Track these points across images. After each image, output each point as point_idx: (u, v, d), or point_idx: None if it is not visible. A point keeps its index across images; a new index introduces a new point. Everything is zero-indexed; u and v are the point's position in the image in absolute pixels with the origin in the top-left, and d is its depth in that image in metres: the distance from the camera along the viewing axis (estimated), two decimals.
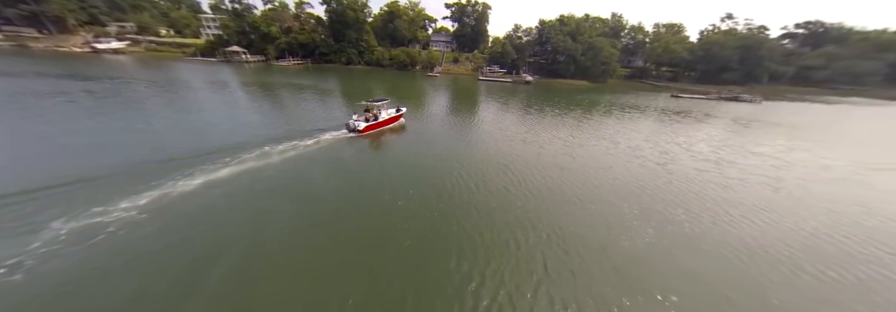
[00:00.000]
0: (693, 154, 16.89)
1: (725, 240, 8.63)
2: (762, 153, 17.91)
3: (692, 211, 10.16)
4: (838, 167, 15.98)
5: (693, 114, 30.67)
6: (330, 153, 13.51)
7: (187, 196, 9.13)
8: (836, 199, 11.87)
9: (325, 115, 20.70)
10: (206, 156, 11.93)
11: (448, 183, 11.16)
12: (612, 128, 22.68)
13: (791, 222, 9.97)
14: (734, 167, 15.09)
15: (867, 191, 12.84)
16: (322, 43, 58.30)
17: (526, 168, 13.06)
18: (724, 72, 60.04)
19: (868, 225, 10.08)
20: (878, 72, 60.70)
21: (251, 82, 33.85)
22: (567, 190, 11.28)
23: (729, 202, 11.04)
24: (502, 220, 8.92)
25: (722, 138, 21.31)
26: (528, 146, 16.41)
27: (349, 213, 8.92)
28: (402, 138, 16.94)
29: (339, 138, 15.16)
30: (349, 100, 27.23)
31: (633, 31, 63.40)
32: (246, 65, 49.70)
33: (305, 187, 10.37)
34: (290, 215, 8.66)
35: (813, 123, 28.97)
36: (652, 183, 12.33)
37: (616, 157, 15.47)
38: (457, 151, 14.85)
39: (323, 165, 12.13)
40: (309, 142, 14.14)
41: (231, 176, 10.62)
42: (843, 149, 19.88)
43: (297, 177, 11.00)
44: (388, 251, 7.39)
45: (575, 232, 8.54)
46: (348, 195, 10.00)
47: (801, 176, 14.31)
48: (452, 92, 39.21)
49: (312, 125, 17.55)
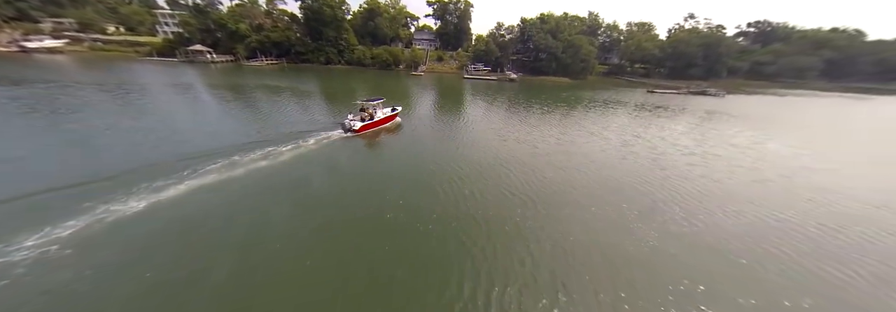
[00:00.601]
0: (680, 148, 17.30)
1: (727, 238, 8.34)
2: (739, 144, 18.73)
3: (694, 210, 9.89)
4: (806, 156, 16.93)
5: (671, 108, 32.01)
6: (325, 153, 13.05)
7: (123, 223, 7.33)
8: (818, 188, 12.29)
9: (307, 118, 18.89)
10: (153, 168, 10.15)
11: (445, 186, 10.59)
12: (600, 123, 23.00)
13: (789, 215, 9.95)
14: (720, 160, 15.44)
15: (838, 179, 13.46)
16: (298, 41, 54.65)
17: (522, 169, 12.55)
18: (690, 68, 64.10)
19: (855, 214, 10.32)
20: (815, 67, 67.86)
21: (220, 84, 30.55)
22: (566, 191, 10.75)
23: (725, 197, 11.02)
24: (502, 228, 8.24)
25: (702, 131, 22.20)
26: (523, 145, 15.98)
27: (344, 216, 8.39)
28: (398, 137, 16.49)
29: (334, 138, 14.71)
30: (332, 102, 25.56)
31: (608, 30, 65.83)
32: (212, 65, 45.19)
33: (301, 189, 9.80)
34: (283, 219, 8.08)
35: (774, 115, 31.08)
36: (648, 180, 12.08)
37: (610, 154, 15.36)
38: (452, 151, 14.38)
39: (318, 166, 11.61)
40: (287, 147, 13.04)
41: (203, 189, 9.15)
42: (806, 139, 21.40)
43: (292, 179, 10.40)
44: (386, 253, 6.92)
45: (580, 240, 7.93)
46: (343, 197, 9.46)
47: (779, 167, 14.86)
48: (440, 91, 38.00)
49: (298, 127, 16.30)
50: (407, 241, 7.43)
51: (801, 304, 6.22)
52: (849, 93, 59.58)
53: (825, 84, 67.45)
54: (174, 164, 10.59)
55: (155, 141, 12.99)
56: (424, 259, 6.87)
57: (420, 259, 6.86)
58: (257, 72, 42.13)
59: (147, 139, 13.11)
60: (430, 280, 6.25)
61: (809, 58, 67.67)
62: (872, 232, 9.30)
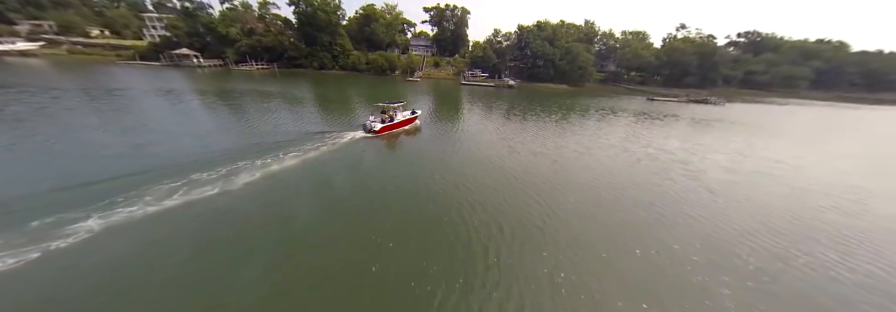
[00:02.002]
0: (712, 162, 15.38)
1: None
2: (773, 158, 16.83)
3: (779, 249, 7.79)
4: (851, 171, 15.14)
5: (682, 118, 30.17)
6: (348, 152, 13.36)
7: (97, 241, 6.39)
8: None
9: (296, 128, 16.74)
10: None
11: (461, 187, 10.30)
12: (614, 133, 21.13)
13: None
14: (761, 176, 13.59)
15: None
16: (291, 46, 52.59)
17: (544, 185, 11.15)
18: (686, 77, 63.79)
19: None
20: (806, 76, 68.34)
21: (207, 90, 28.03)
22: (596, 214, 9.24)
23: (793, 222, 9.19)
24: (520, 233, 7.72)
25: (724, 143, 20.22)
26: (540, 158, 14.24)
27: (363, 211, 8.46)
28: (416, 140, 16.49)
29: (356, 138, 15.12)
30: (327, 108, 23.70)
31: (604, 37, 65.42)
32: (198, 69, 42.56)
33: (325, 184, 9.99)
34: (309, 213, 8.23)
35: (793, 126, 29.66)
36: (698, 205, 10.23)
37: (638, 171, 13.44)
38: (469, 159, 13.64)
39: (341, 164, 11.85)
40: (311, 146, 13.36)
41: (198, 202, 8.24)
42: (842, 151, 19.92)
43: (317, 175, 10.65)
44: (407, 249, 6.84)
45: (614, 283, 6.43)
46: (362, 193, 9.53)
47: (833, 187, 12.77)
48: (438, 97, 35.95)
49: (318, 128, 16.32)
50: (425, 238, 7.32)
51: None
52: (842, 102, 59.66)
53: (819, 93, 67.85)
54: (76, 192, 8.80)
55: (77, 162, 11.03)
56: (447, 258, 6.69)
57: (444, 258, 6.68)
58: (248, 77, 39.77)
59: (57, 162, 11.01)
60: (452, 282, 5.96)
61: (800, 68, 68.16)
62: None
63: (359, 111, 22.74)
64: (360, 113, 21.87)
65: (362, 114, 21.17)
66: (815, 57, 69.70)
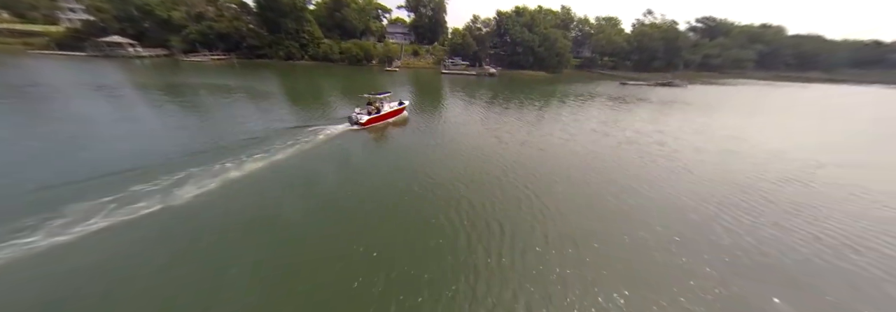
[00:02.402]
0: (685, 142, 15.85)
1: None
2: (732, 135, 17.70)
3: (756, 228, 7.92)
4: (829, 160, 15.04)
5: (652, 102, 31.10)
6: (332, 145, 12.64)
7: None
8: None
9: (267, 125, 14.73)
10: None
11: (451, 179, 9.89)
12: (595, 118, 21.45)
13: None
14: (727, 154, 14.14)
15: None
16: (251, 33, 46.88)
17: (534, 175, 10.77)
18: (653, 61, 67.27)
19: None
20: (751, 58, 75.32)
21: (150, 84, 23.69)
22: (585, 203, 9.04)
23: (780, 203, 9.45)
24: (518, 248, 6.91)
25: (690, 124, 20.79)
26: (527, 148, 13.83)
27: (349, 206, 8.01)
28: (404, 131, 15.84)
29: (341, 132, 14.30)
30: (300, 102, 21.32)
31: (580, 24, 66.33)
32: (137, 60, 36.43)
33: (306, 180, 9.40)
34: (294, 210, 7.65)
35: (740, 104, 31.71)
36: (678, 185, 10.35)
37: (621, 155, 13.42)
38: (457, 152, 12.99)
39: (324, 158, 11.23)
40: (293, 140, 12.40)
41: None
42: (784, 125, 21.72)
43: (300, 170, 10.01)
44: (394, 244, 6.50)
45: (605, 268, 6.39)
46: (346, 188, 9.02)
47: (810, 170, 12.90)
48: (419, 88, 33.87)
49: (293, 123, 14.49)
50: (411, 233, 6.98)
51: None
52: (779, 81, 66.73)
53: (761, 73, 75.22)
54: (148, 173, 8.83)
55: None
56: (433, 251, 6.44)
57: (429, 251, 6.43)
58: (200, 69, 34.75)
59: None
60: (439, 273, 5.78)
61: (747, 51, 74.82)
62: None
63: (336, 105, 20.85)
64: (338, 106, 20.16)
65: (341, 107, 19.66)
66: (758, 40, 76.76)
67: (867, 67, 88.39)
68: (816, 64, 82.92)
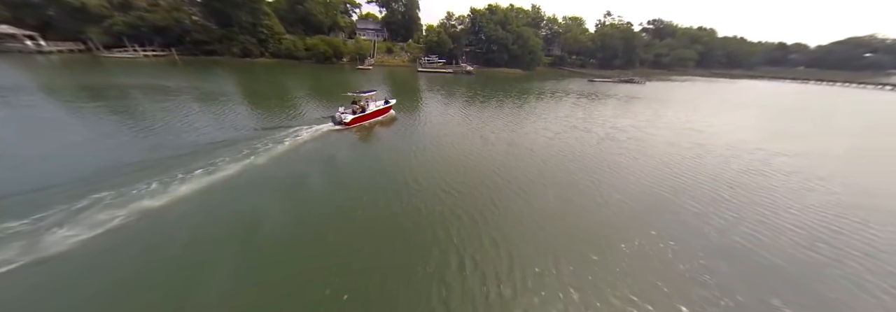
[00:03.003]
0: (660, 138, 16.34)
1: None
2: (695, 128, 19.01)
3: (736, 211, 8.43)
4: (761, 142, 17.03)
5: (621, 97, 32.65)
6: (316, 146, 11.91)
7: None
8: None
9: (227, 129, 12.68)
10: None
11: (439, 180, 9.42)
12: (574, 115, 21.85)
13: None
14: (698, 147, 14.90)
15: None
16: (196, 27, 40.68)
17: (526, 179, 10.34)
18: (614, 59, 72.27)
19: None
20: (692, 57, 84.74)
21: (58, 86, 18.72)
22: (578, 208, 8.69)
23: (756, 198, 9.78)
24: (517, 269, 6.28)
25: (659, 118, 21.91)
26: (515, 148, 13.41)
27: (333, 211, 7.42)
28: (391, 131, 15.19)
29: (324, 131, 13.50)
30: (268, 104, 18.70)
31: (549, 22, 68.67)
32: (40, 56, 29.28)
33: (288, 183, 8.61)
34: (275, 214, 7.06)
35: (693, 98, 34.70)
36: (663, 183, 10.45)
37: (603, 152, 13.62)
38: (445, 155, 12.36)
39: (307, 160, 10.46)
40: (278, 140, 11.64)
41: None
42: (731, 118, 23.60)
43: (281, 173, 9.19)
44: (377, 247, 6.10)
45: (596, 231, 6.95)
46: (330, 191, 8.49)
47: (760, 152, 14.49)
48: (396, 87, 31.77)
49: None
50: (398, 252, 6.23)
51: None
52: (715, 77, 75.77)
53: (700, 71, 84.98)
54: None
55: None
56: (423, 276, 5.69)
57: (417, 274, 5.69)
58: (130, 67, 28.88)
59: None
60: (423, 273, 5.51)
61: (689, 51, 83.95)
62: None
63: (311, 105, 18.82)
64: (314, 107, 18.32)
65: (317, 108, 17.96)
66: (698, 41, 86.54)
67: (777, 65, 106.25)
68: (740, 63, 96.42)
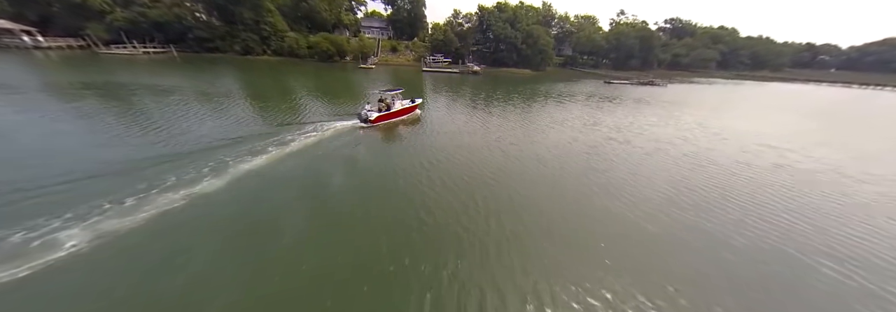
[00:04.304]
0: (722, 152, 14.21)
1: None
2: (773, 145, 16.26)
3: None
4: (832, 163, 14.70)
5: (648, 102, 29.41)
6: (339, 143, 11.73)
7: None
8: None
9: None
10: None
11: (461, 184, 8.97)
12: (604, 123, 19.34)
13: None
14: (783, 171, 12.38)
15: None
16: (198, 23, 39.88)
17: (562, 200, 8.93)
18: (630, 60, 68.28)
19: None
20: (714, 58, 79.64)
21: (60, 84, 17.68)
22: (635, 230, 7.56)
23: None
24: (523, 231, 6.58)
25: (708, 127, 19.47)
26: (546, 167, 11.40)
27: (350, 209, 7.39)
28: (413, 131, 14.68)
29: (348, 128, 13.50)
30: (273, 102, 17.63)
31: (561, 21, 65.51)
32: (38, 53, 28.65)
33: (309, 179, 8.76)
34: (295, 209, 7.24)
35: (740, 105, 31.32)
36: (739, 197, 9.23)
37: (663, 169, 11.75)
38: (475, 155, 11.75)
39: (329, 157, 10.42)
40: (303, 135, 11.88)
41: None
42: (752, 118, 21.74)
43: (303, 169, 9.33)
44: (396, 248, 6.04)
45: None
46: (349, 189, 8.41)
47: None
48: (399, 86, 30.19)
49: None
50: (414, 237, 6.35)
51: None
52: (740, 79, 70.54)
53: (722, 72, 79.78)
54: None
55: None
56: (439, 257, 5.78)
57: (435, 256, 5.79)
58: (129, 64, 27.88)
59: None
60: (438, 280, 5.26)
61: (710, 51, 78.93)
62: None
63: (311, 106, 17.55)
64: (314, 108, 17.12)
65: (312, 110, 16.64)
66: (720, 41, 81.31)
67: (805, 67, 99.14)
68: (765, 64, 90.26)
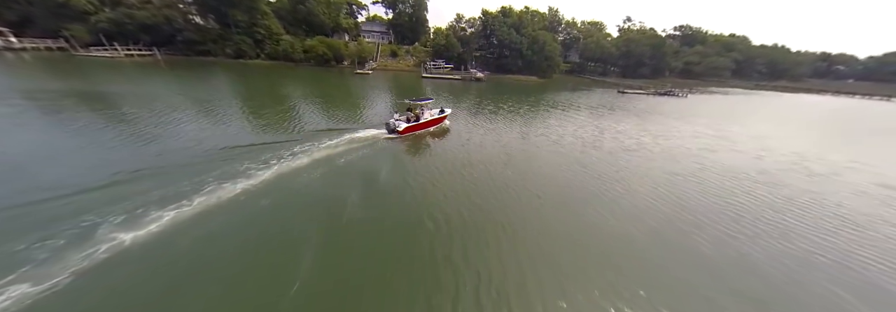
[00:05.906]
0: (796, 183, 11.55)
1: None
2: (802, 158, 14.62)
3: None
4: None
5: (669, 114, 26.25)
6: (367, 153, 11.38)
7: None
8: None
9: None
10: None
11: (492, 200, 8.48)
12: (636, 141, 16.64)
13: None
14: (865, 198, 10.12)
15: None
16: (188, 26, 38.22)
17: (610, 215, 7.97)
18: (640, 67, 65.35)
19: None
20: (728, 66, 76.13)
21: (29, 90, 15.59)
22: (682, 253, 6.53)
23: None
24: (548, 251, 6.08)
25: (767, 148, 16.67)
26: (585, 177, 10.61)
27: (376, 220, 7.24)
28: (441, 144, 13.70)
29: (378, 138, 12.92)
30: (261, 115, 15.37)
31: (568, 27, 63.10)
32: (9, 54, 26.83)
33: (338, 189, 8.54)
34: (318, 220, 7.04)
35: (781, 118, 28.62)
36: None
37: (726, 203, 9.45)
38: (509, 170, 10.87)
39: (356, 167, 10.12)
40: (331, 143, 11.67)
41: None
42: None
43: (331, 178, 9.21)
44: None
45: None
46: (374, 200, 8.18)
47: None
48: (396, 94, 26.54)
49: None
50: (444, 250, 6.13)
51: None
52: (760, 90, 66.38)
53: (739, 81, 76.06)
54: None
55: None
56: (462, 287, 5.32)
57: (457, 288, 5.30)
58: (114, 68, 25.80)
59: None
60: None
61: (724, 59, 75.56)
62: None
63: (304, 117, 15.55)
64: (315, 117, 15.63)
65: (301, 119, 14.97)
66: (732, 49, 77.93)
67: (822, 77, 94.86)
68: (783, 73, 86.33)
